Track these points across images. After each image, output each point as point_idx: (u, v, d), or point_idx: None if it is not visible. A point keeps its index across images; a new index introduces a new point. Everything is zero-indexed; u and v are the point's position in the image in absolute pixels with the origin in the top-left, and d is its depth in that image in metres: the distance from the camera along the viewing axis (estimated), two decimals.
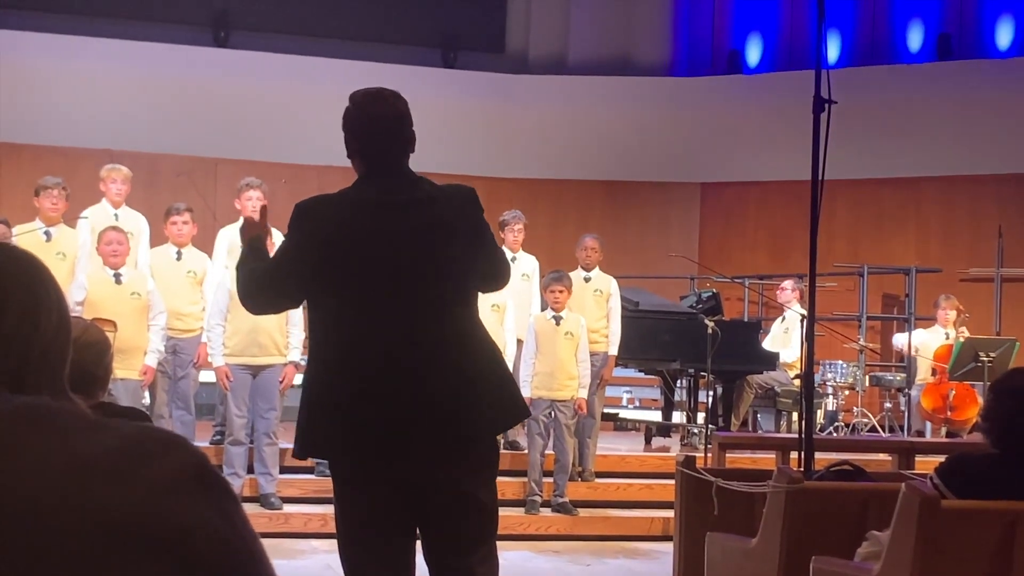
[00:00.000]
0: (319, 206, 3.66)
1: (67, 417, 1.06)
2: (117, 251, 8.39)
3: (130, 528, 0.97)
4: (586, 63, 16.38)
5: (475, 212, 3.70)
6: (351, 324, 3.53)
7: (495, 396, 3.59)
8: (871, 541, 4.27)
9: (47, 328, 1.33)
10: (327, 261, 3.53)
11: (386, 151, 3.68)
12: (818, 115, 5.34)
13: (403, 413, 3.44)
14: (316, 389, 3.57)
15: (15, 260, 1.36)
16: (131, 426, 1.07)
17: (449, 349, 3.53)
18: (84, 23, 14.88)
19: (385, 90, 3.77)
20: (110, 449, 1.02)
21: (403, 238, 3.55)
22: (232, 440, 8.55)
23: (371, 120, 3.69)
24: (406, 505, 3.51)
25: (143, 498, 0.99)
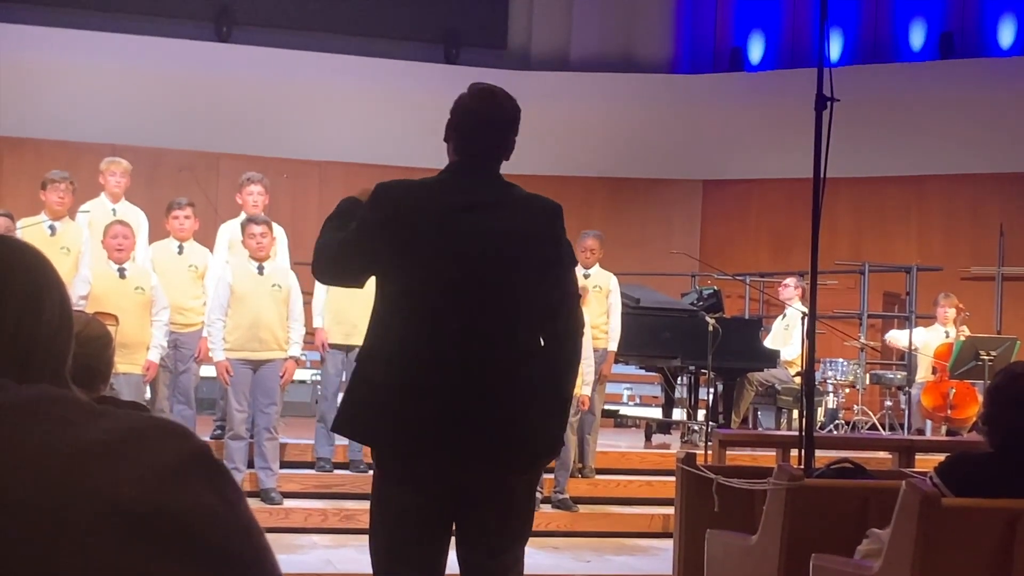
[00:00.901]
0: (402, 190, 3.58)
1: (68, 405, 1.07)
2: (122, 245, 8.39)
3: (130, 512, 0.97)
4: (588, 60, 16.38)
5: (557, 231, 3.61)
6: (415, 316, 3.47)
7: (544, 425, 3.53)
8: (871, 539, 4.28)
9: (50, 320, 1.33)
10: (401, 246, 3.47)
11: (483, 151, 3.62)
12: (820, 113, 5.34)
13: (456, 415, 3.39)
14: (367, 375, 3.51)
15: (17, 252, 1.36)
16: (132, 414, 1.07)
17: (504, 366, 3.46)
18: (87, 18, 14.88)
19: (503, 92, 3.70)
20: (111, 435, 1.02)
21: (480, 239, 3.48)
22: (232, 435, 8.55)
23: (479, 116, 3.62)
24: (446, 506, 3.47)
25: (143, 482, 0.99)
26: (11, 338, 1.28)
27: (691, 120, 15.92)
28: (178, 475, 1.01)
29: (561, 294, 3.59)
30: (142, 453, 1.01)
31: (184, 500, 0.99)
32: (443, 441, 3.40)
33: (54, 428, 1.02)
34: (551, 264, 3.57)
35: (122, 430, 1.03)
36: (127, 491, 0.97)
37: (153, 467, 1.00)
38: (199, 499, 1.00)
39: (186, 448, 1.04)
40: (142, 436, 1.03)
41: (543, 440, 3.57)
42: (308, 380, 12.64)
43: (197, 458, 1.04)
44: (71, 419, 1.03)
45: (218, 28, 15.52)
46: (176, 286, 8.82)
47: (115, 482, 0.98)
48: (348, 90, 15.41)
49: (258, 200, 9.33)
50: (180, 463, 1.02)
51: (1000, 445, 3.97)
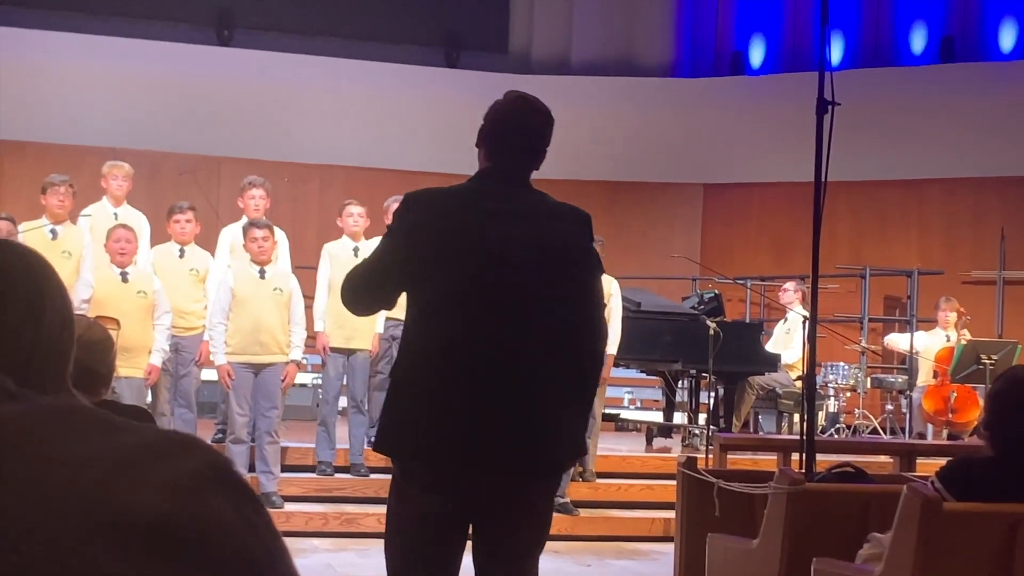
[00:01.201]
0: (430, 198, 3.57)
1: (87, 417, 1.06)
2: (125, 249, 8.39)
3: (148, 528, 0.97)
4: (589, 63, 16.39)
5: (585, 240, 3.61)
6: (443, 324, 3.45)
7: (568, 433, 3.53)
8: (872, 543, 4.27)
9: (51, 324, 1.33)
10: (425, 255, 3.46)
11: (515, 158, 3.61)
12: (821, 117, 5.34)
13: (482, 423, 3.37)
14: (400, 388, 3.50)
15: (18, 255, 1.37)
16: (149, 428, 1.06)
17: (533, 375, 3.44)
18: (88, 21, 14.89)
19: (537, 100, 3.70)
20: (129, 449, 1.02)
21: (510, 247, 3.46)
22: (234, 438, 8.55)
23: (513, 123, 3.62)
24: (467, 512, 3.46)
25: (161, 497, 0.99)
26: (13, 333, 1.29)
27: (692, 124, 15.92)
28: (195, 490, 1.00)
29: (588, 304, 3.59)
30: (159, 468, 1.01)
31: (200, 515, 0.99)
32: (470, 449, 3.39)
33: (68, 441, 1.02)
34: (580, 274, 3.57)
35: (139, 445, 1.03)
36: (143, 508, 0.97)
37: (169, 482, 1.00)
38: (216, 514, 1.00)
39: (203, 462, 1.03)
40: (159, 451, 1.03)
41: (568, 447, 3.57)
42: (309, 384, 12.64)
43: (214, 472, 1.03)
44: (86, 433, 1.03)
45: (219, 32, 15.53)
46: (177, 290, 8.82)
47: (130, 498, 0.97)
48: (349, 94, 15.42)
49: (260, 204, 9.33)
50: (197, 478, 1.02)
51: (1001, 450, 3.97)
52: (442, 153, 14.74)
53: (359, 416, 9.11)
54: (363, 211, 9.33)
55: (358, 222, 9.27)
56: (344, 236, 9.31)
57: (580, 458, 3.74)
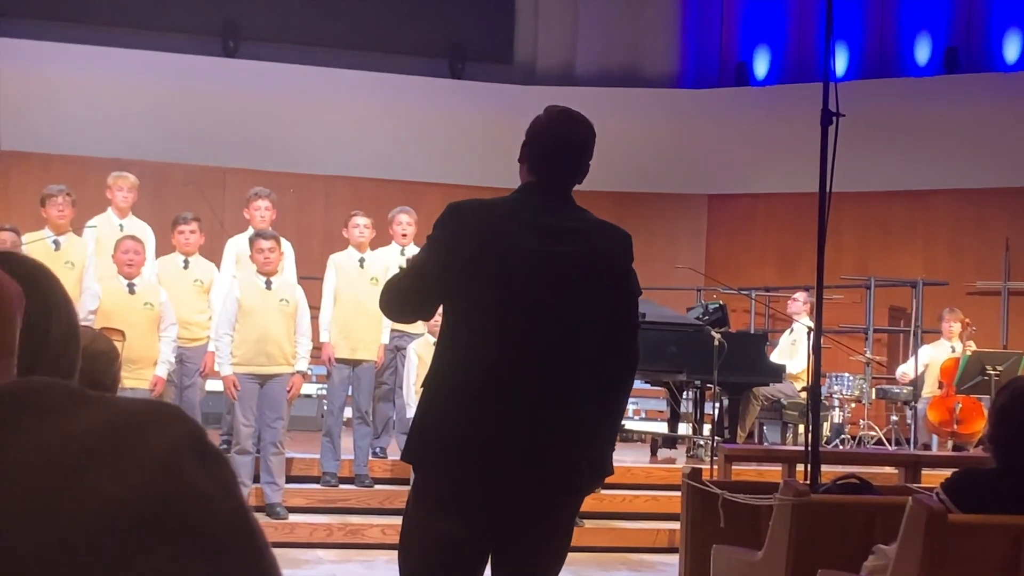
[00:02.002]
0: (473, 208, 3.55)
1: (58, 394, 1.06)
2: (133, 260, 8.40)
3: (129, 506, 0.97)
4: (594, 74, 16.40)
5: (626, 261, 3.61)
6: (479, 338, 3.44)
7: (598, 450, 3.53)
8: (877, 555, 4.27)
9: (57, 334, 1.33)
10: (465, 266, 3.44)
11: (559, 173, 3.61)
12: (826, 128, 5.34)
13: (514, 440, 3.36)
14: (433, 399, 3.47)
15: (25, 267, 1.37)
16: (124, 399, 1.06)
17: (570, 392, 3.43)
18: (93, 32, 14.92)
19: (579, 115, 3.71)
20: (104, 424, 1.02)
21: (549, 265, 3.45)
22: (239, 449, 8.55)
23: (556, 138, 3.62)
24: (491, 528, 3.44)
25: (141, 473, 0.98)
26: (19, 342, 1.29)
27: (696, 135, 15.93)
28: (174, 463, 1.00)
29: (624, 324, 3.59)
30: (136, 442, 1.01)
31: (181, 488, 0.99)
32: (500, 466, 3.37)
33: (42, 420, 1.01)
34: (619, 293, 3.57)
35: (115, 419, 1.02)
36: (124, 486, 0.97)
37: (147, 455, 0.99)
38: (195, 485, 1.00)
39: (181, 433, 1.03)
40: (135, 423, 1.02)
41: (597, 466, 3.56)
42: (314, 394, 12.64)
43: (192, 443, 1.03)
44: (60, 409, 1.03)
45: (224, 43, 15.56)
46: (181, 301, 8.82)
47: (108, 474, 0.97)
48: (354, 105, 15.43)
49: (265, 215, 9.35)
50: (174, 448, 1.02)
51: (1007, 462, 3.96)
52: (447, 163, 14.76)
53: (364, 427, 9.11)
54: (369, 222, 9.33)
55: (364, 233, 9.28)
56: (350, 247, 9.32)
57: (608, 476, 3.72)
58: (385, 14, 16.05)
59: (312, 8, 15.84)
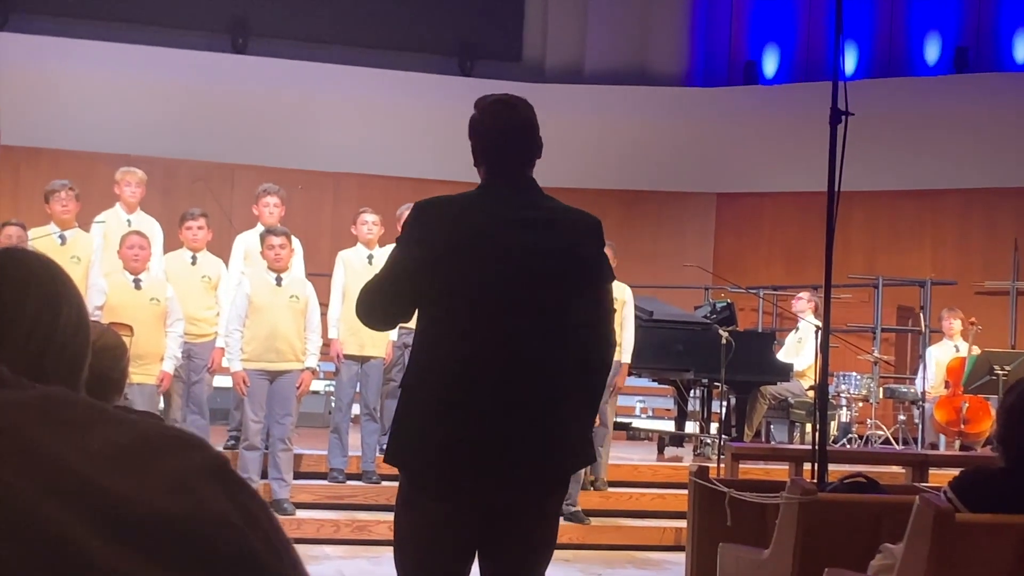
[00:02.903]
0: (440, 205, 3.55)
1: (83, 409, 1.05)
2: (139, 256, 8.41)
3: (144, 523, 0.96)
4: (603, 73, 16.39)
5: (596, 247, 3.59)
6: (453, 333, 3.44)
7: (578, 439, 3.54)
8: (884, 554, 4.26)
9: (67, 322, 1.34)
10: (436, 265, 3.43)
11: (513, 161, 3.58)
12: (835, 127, 5.34)
13: (494, 439, 3.37)
14: (411, 399, 3.48)
15: (36, 257, 1.38)
16: (148, 423, 1.05)
17: (546, 383, 3.44)
18: (103, 29, 14.94)
19: (513, 97, 3.65)
20: (126, 443, 1.01)
21: (517, 258, 3.44)
22: (247, 445, 8.57)
23: (496, 127, 3.58)
24: (477, 522, 3.45)
25: (157, 492, 0.98)
26: (26, 336, 1.29)
27: (705, 133, 15.92)
28: (191, 485, 1.00)
29: (598, 310, 3.58)
30: (155, 463, 1.00)
31: (196, 510, 0.98)
32: (480, 457, 3.38)
33: (63, 432, 1.01)
34: (590, 279, 3.56)
35: (135, 439, 1.02)
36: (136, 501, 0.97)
37: (166, 477, 0.99)
38: (213, 509, 0.99)
39: (200, 458, 1.03)
40: (154, 445, 1.02)
41: (576, 455, 3.58)
42: (322, 391, 12.65)
43: (211, 468, 1.03)
44: (83, 424, 1.02)
45: (234, 40, 15.57)
46: (189, 297, 8.83)
47: (124, 492, 0.97)
48: (363, 102, 15.44)
49: (274, 212, 9.36)
50: (194, 474, 1.01)
51: (1014, 461, 3.96)
52: (456, 161, 14.70)
53: (371, 423, 9.12)
54: (377, 219, 9.34)
55: (372, 230, 9.29)
56: (358, 244, 9.32)
57: (588, 466, 3.72)
58: (395, 12, 16.06)
59: (321, 5, 15.85)
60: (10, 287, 1.32)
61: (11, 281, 1.32)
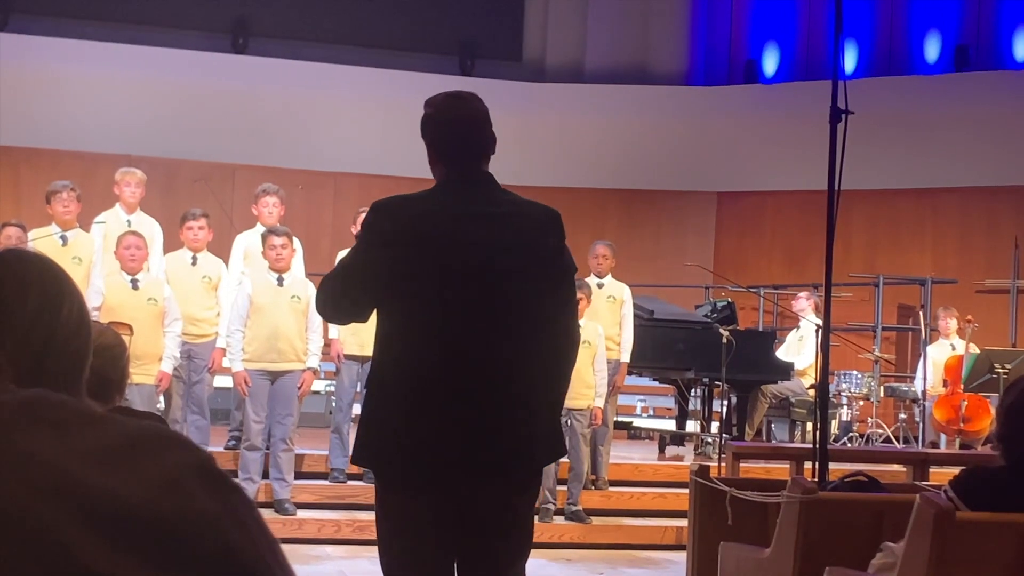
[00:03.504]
0: (398, 204, 3.55)
1: (67, 410, 1.05)
2: (135, 256, 8.41)
3: (129, 522, 0.96)
4: (603, 72, 16.39)
5: (557, 240, 3.56)
6: (415, 332, 3.44)
7: (547, 431, 3.54)
8: (885, 552, 4.26)
9: (68, 320, 1.34)
10: (398, 264, 3.43)
11: (464, 153, 3.57)
12: (835, 125, 5.34)
13: (457, 432, 3.37)
14: (377, 398, 3.49)
15: (36, 257, 1.38)
16: (133, 422, 1.05)
17: (510, 376, 3.43)
18: (103, 29, 14.95)
19: (463, 92, 3.66)
20: (110, 442, 1.01)
21: (477, 253, 3.43)
22: (248, 445, 8.56)
23: (447, 123, 3.58)
24: (451, 521, 3.45)
25: (140, 491, 0.98)
26: (27, 335, 1.29)
27: (705, 132, 15.92)
28: (177, 484, 1.00)
29: (560, 302, 3.56)
30: (140, 462, 1.00)
31: (182, 509, 0.98)
32: (448, 453, 3.38)
33: (48, 433, 1.01)
34: (551, 272, 3.54)
35: (120, 439, 1.02)
36: (123, 500, 0.97)
37: (151, 476, 0.99)
38: (199, 507, 0.99)
39: (187, 458, 1.03)
40: (141, 445, 1.02)
41: (545, 447, 3.57)
42: (323, 391, 12.65)
43: (198, 468, 1.03)
44: (67, 425, 1.02)
45: (234, 40, 15.57)
46: (189, 297, 8.83)
47: (110, 491, 0.97)
48: (363, 101, 15.44)
49: (273, 211, 9.35)
50: (180, 472, 1.01)
51: (1014, 460, 3.96)
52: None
53: None
54: None
55: None
56: None
57: (559, 459, 3.72)
58: (395, 11, 16.06)
59: (321, 5, 15.86)
60: (11, 286, 1.32)
61: (12, 280, 1.33)
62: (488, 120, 3.62)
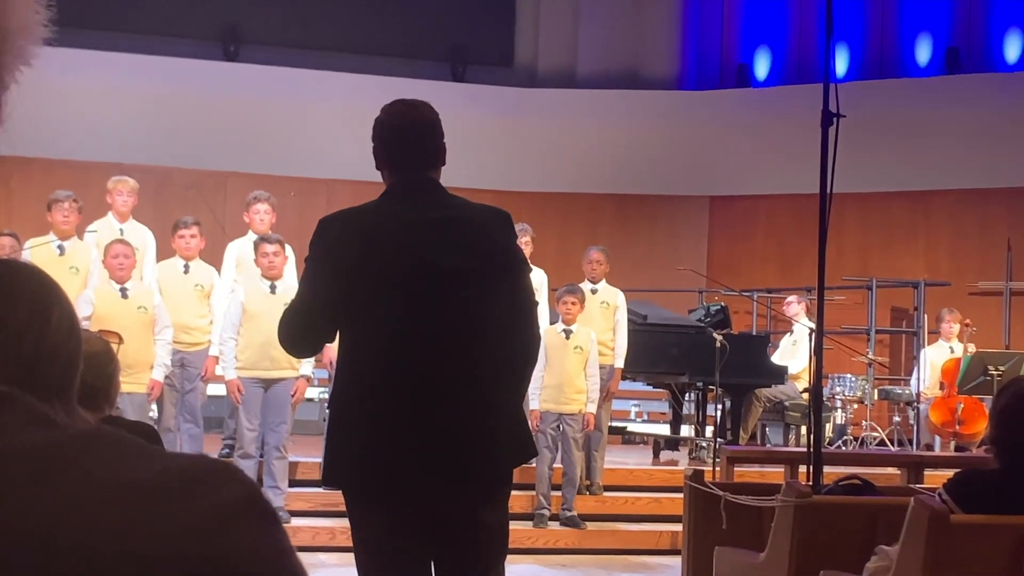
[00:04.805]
0: (345, 218, 3.53)
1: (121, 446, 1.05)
2: (123, 264, 8.39)
3: (179, 557, 0.96)
4: (595, 77, 16.41)
5: (508, 239, 3.56)
6: (373, 348, 3.42)
7: (513, 432, 3.53)
8: (880, 556, 4.26)
9: (58, 329, 1.33)
10: (350, 277, 3.40)
11: (413, 160, 3.57)
12: (827, 129, 5.34)
13: (423, 442, 3.36)
14: (339, 416, 3.48)
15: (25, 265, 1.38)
16: (182, 455, 1.06)
17: (472, 380, 3.43)
18: (94, 37, 14.93)
19: (417, 100, 3.66)
20: (160, 476, 1.01)
21: (429, 259, 3.41)
22: (242, 453, 8.55)
23: (399, 128, 3.58)
24: (423, 532, 3.44)
25: (195, 528, 0.98)
26: (18, 338, 1.29)
27: (698, 136, 15.93)
28: (229, 518, 1.00)
29: (517, 302, 3.55)
30: (192, 495, 1.00)
31: (237, 547, 0.98)
32: (417, 467, 3.37)
33: (99, 467, 1.01)
34: (504, 273, 3.53)
35: (171, 472, 1.02)
36: (174, 533, 0.97)
37: (205, 511, 0.99)
38: (252, 545, 0.99)
39: (239, 492, 1.03)
40: (192, 478, 1.02)
41: (515, 450, 3.56)
42: (316, 398, 12.64)
43: (250, 502, 1.03)
44: (118, 459, 1.03)
45: (225, 47, 15.57)
46: (182, 305, 8.82)
47: (166, 527, 0.97)
48: (355, 108, 15.39)
49: (264, 218, 9.34)
50: (233, 507, 1.01)
51: (1009, 462, 3.96)
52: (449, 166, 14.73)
53: None
54: None
55: None
56: None
57: (529, 459, 3.71)
58: (386, 17, 16.07)
59: (313, 12, 15.86)
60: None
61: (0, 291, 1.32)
62: (437, 129, 3.61)
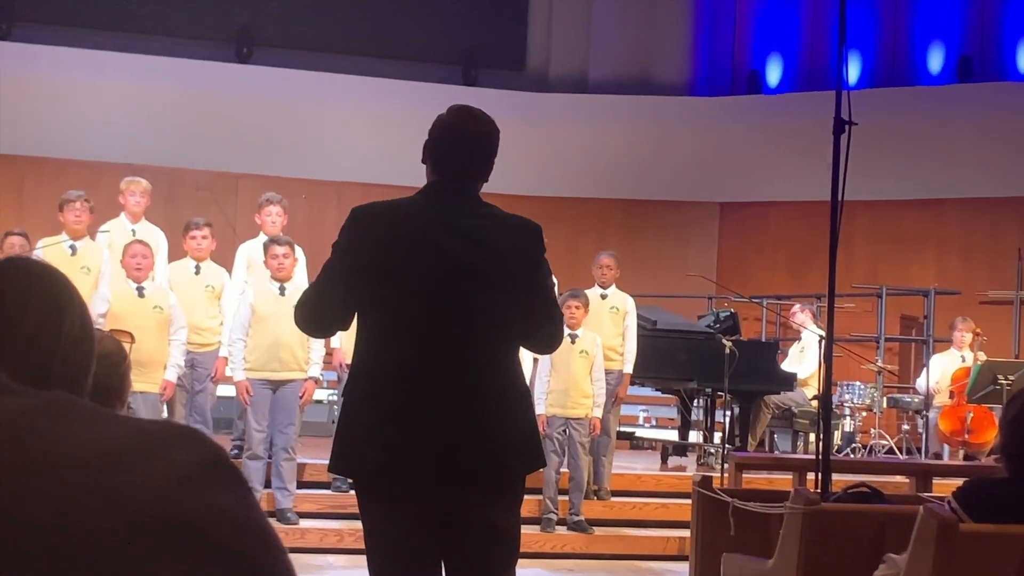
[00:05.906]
0: (377, 211, 3.54)
1: (82, 410, 1.07)
2: (141, 264, 8.41)
3: (150, 515, 0.98)
4: (606, 82, 16.41)
5: (537, 250, 3.57)
6: (392, 342, 3.43)
7: (523, 440, 3.53)
8: (888, 564, 4.26)
9: (70, 329, 1.34)
10: (375, 271, 3.43)
11: (461, 170, 3.57)
12: (838, 136, 5.33)
13: (436, 444, 3.37)
14: (352, 408, 3.49)
15: (38, 266, 1.39)
16: (148, 420, 1.08)
17: (485, 384, 3.44)
18: (107, 38, 14.97)
19: (482, 113, 3.65)
20: (129, 438, 1.03)
21: (457, 263, 3.43)
22: (250, 454, 8.56)
23: (456, 135, 3.58)
24: (433, 535, 3.44)
25: (160, 487, 1.00)
26: (29, 341, 1.30)
27: (708, 142, 15.93)
28: (194, 479, 1.02)
29: (538, 313, 3.57)
30: (158, 458, 1.02)
31: (201, 504, 1.00)
32: (427, 467, 3.38)
33: (68, 433, 1.03)
34: (532, 286, 3.55)
35: (137, 435, 1.04)
36: (143, 496, 0.98)
37: (169, 471, 1.01)
38: (216, 502, 1.01)
39: (202, 452, 1.05)
40: (157, 441, 1.04)
41: (525, 457, 3.56)
42: (325, 400, 12.65)
43: (213, 462, 1.05)
44: (85, 423, 1.04)
45: (238, 49, 15.60)
46: (193, 306, 8.84)
47: (131, 487, 0.99)
48: (366, 111, 15.46)
49: (276, 221, 9.35)
50: (196, 467, 1.03)
51: (1018, 471, 3.95)
52: None
53: None
54: None
55: None
56: None
57: (538, 468, 3.71)
58: (398, 21, 16.09)
59: (325, 15, 15.88)
60: (12, 295, 1.32)
61: (13, 289, 1.33)
62: (491, 144, 3.62)
